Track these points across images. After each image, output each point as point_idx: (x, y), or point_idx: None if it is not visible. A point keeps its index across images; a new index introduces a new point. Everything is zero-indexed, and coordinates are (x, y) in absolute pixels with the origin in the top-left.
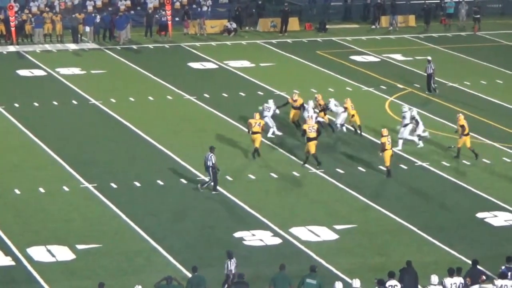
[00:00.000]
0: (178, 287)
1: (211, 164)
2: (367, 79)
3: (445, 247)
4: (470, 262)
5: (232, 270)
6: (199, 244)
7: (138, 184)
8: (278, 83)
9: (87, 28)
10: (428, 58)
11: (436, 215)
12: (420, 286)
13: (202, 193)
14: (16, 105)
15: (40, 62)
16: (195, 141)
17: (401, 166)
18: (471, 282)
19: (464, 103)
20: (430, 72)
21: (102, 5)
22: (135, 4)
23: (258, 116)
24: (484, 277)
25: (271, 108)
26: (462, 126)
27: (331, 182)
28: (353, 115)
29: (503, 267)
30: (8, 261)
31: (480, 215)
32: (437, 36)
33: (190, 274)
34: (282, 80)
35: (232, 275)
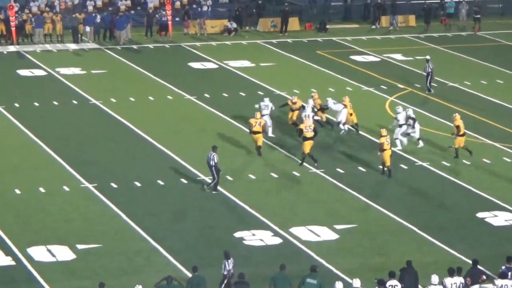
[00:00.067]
0: (178, 287)
1: (213, 163)
2: (368, 79)
3: (445, 247)
4: (470, 262)
5: (231, 270)
6: (199, 244)
7: (138, 184)
8: (278, 83)
9: (88, 28)
10: (427, 58)
11: (436, 215)
12: (420, 286)
13: (202, 193)
14: (16, 105)
15: (40, 62)
16: (195, 141)
17: (401, 166)
18: (471, 282)
19: (464, 103)
20: (428, 71)
21: (102, 5)
22: (135, 4)
23: (259, 115)
24: (484, 277)
25: (269, 106)
26: (457, 127)
27: (331, 182)
28: (351, 114)
29: (503, 267)
30: (8, 261)
31: (480, 215)
32: (437, 36)
33: (190, 274)
34: (282, 80)
35: (231, 275)
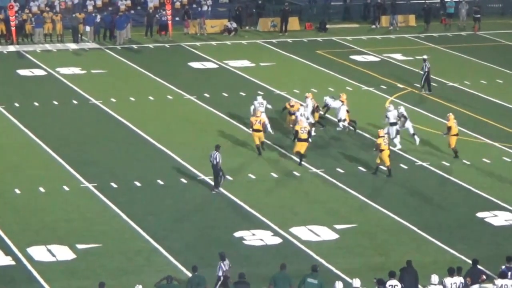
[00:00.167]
0: (178, 286)
1: (215, 162)
2: (367, 79)
3: (445, 246)
4: (470, 261)
5: (226, 271)
6: (199, 243)
7: (138, 183)
8: (278, 83)
9: (88, 28)
10: (424, 57)
11: (436, 214)
12: (420, 286)
13: (202, 192)
14: (16, 104)
15: (40, 61)
16: (195, 140)
17: (401, 165)
18: (471, 281)
19: (464, 102)
20: (425, 71)
21: (102, 4)
22: (135, 3)
23: (259, 113)
24: (484, 276)
25: (264, 103)
26: (449, 128)
27: (331, 181)
28: (347, 111)
29: (503, 267)
30: (8, 260)
31: (480, 214)
32: (437, 36)
33: (190, 274)
34: (282, 80)
35: (224, 277)
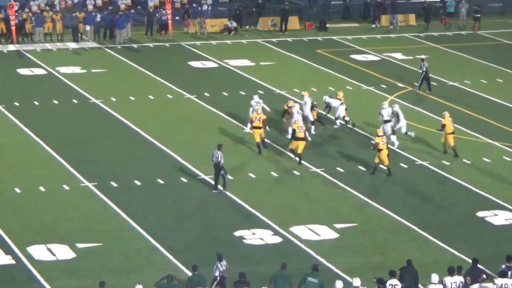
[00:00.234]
0: (178, 286)
1: (216, 160)
2: (368, 78)
3: (445, 246)
4: (470, 261)
5: (222, 272)
6: (199, 243)
7: (138, 183)
8: (278, 82)
9: (88, 27)
10: (422, 57)
11: (436, 214)
12: (420, 285)
13: (202, 192)
14: (16, 104)
15: (40, 61)
16: (195, 140)
17: (401, 165)
18: (471, 281)
19: (464, 102)
20: (424, 70)
21: (102, 4)
22: (135, 3)
23: (260, 110)
24: (484, 276)
25: (260, 102)
26: (443, 125)
27: (332, 181)
28: (345, 109)
29: (503, 266)
30: (8, 260)
31: (480, 214)
32: (437, 35)
33: (190, 273)
34: (282, 79)
35: (221, 277)
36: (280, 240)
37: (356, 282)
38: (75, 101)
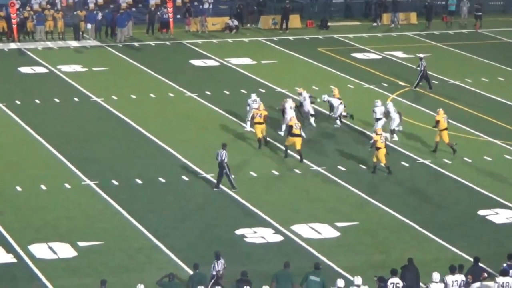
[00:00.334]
0: (180, 284)
1: (220, 159)
2: (369, 77)
3: (446, 244)
4: (471, 259)
5: (220, 271)
6: (200, 241)
7: (139, 181)
8: (279, 81)
9: (89, 26)
10: (420, 56)
11: (437, 212)
12: (421, 284)
13: (203, 190)
14: (18, 102)
15: (41, 59)
16: (197, 138)
17: (402, 163)
18: (473, 279)
19: (465, 100)
20: (421, 69)
21: (103, 2)
22: (136, 1)
23: (262, 106)
24: (485, 274)
25: (258, 100)
26: (437, 122)
27: (333, 179)
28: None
29: (504, 265)
30: (9, 258)
31: (481, 212)
32: (438, 34)
33: (191, 272)
34: (283, 78)
35: (217, 277)
36: (282, 238)
37: (357, 280)
38: (76, 99)
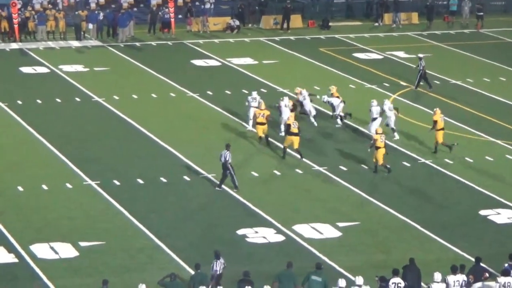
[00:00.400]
0: (181, 284)
1: (224, 160)
2: (370, 77)
3: (448, 244)
4: (473, 259)
5: (217, 270)
6: (202, 241)
7: (141, 181)
8: (281, 81)
9: (90, 25)
10: (419, 55)
11: (438, 212)
12: (423, 284)
13: (205, 190)
14: (19, 102)
15: (43, 59)
16: (198, 138)
17: (404, 163)
18: (474, 279)
19: (467, 100)
20: (420, 69)
21: (105, 2)
22: (138, 1)
23: (263, 106)
24: (487, 274)
25: (257, 99)
26: (435, 122)
27: (334, 179)
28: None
29: (506, 265)
30: (11, 258)
31: (483, 212)
32: (440, 34)
33: (193, 271)
34: (285, 78)
35: (216, 277)
36: (283, 238)
37: (359, 280)
38: (77, 99)
